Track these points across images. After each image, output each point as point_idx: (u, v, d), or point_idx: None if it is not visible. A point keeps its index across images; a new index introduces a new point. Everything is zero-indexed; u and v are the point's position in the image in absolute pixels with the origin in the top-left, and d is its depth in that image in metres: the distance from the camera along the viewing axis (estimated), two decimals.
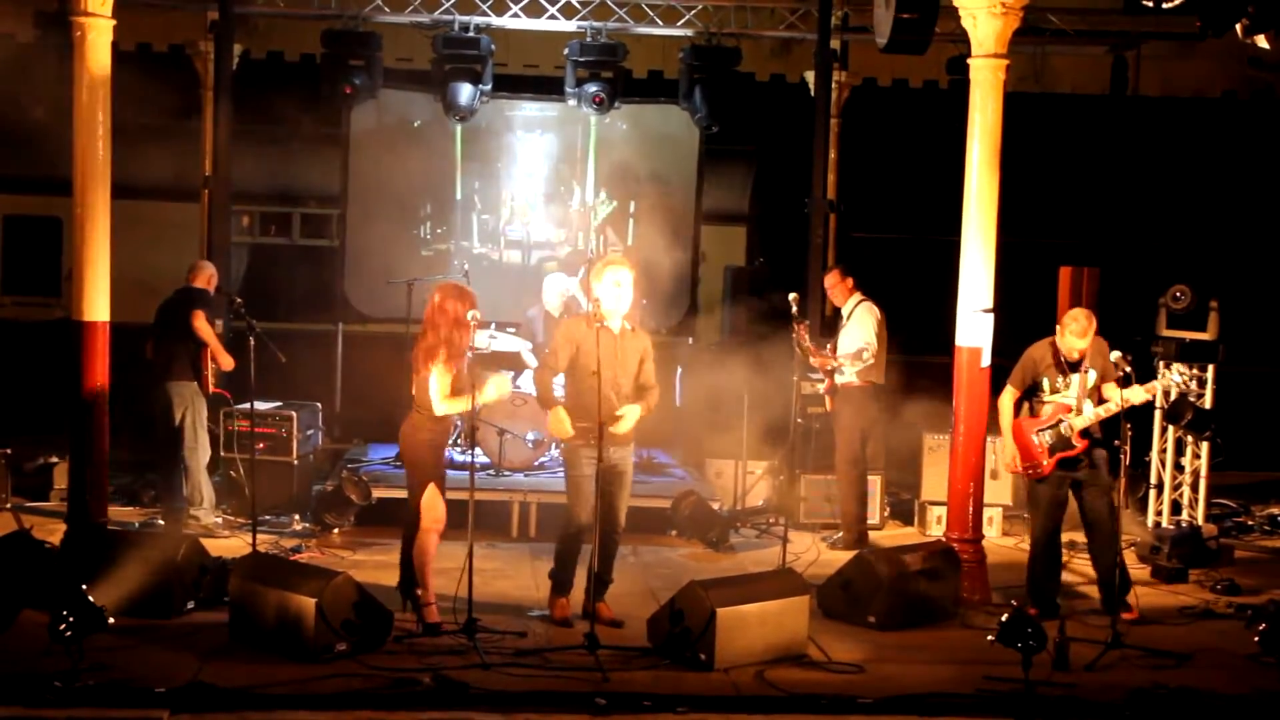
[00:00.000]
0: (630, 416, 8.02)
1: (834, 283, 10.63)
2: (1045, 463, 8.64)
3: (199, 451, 10.10)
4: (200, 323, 9.93)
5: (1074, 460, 8.60)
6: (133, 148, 10.04)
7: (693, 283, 14.12)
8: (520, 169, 14.00)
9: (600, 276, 7.98)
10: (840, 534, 10.49)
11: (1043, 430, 8.63)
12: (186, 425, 10.02)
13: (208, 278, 10.28)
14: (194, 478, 10.10)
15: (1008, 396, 8.81)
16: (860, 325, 10.28)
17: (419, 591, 8.02)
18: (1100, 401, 8.52)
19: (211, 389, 10.13)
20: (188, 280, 10.23)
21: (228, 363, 10.05)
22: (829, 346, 10.39)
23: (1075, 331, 8.50)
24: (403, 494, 10.61)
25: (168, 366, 10.01)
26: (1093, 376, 8.54)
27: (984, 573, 9.14)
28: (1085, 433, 8.55)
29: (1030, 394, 8.77)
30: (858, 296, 10.47)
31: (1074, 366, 8.58)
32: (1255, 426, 12.23)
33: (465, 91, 12.58)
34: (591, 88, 12.68)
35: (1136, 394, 8.57)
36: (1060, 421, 8.57)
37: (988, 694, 7.13)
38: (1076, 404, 8.53)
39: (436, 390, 7.89)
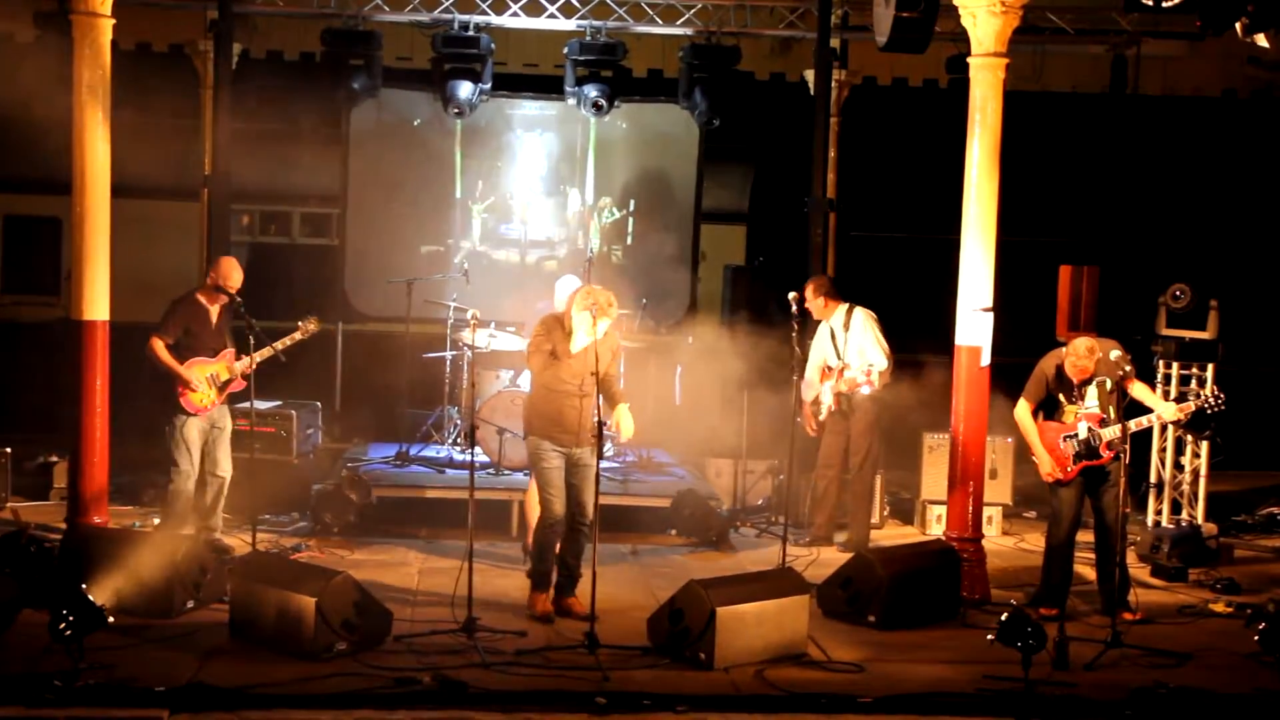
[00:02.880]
0: (627, 418, 8.25)
1: (809, 299, 10.20)
2: (1070, 469, 8.64)
3: (176, 476, 9.39)
4: (152, 350, 9.19)
5: (1098, 469, 8.62)
6: (133, 148, 10.03)
7: (693, 282, 14.12)
8: (520, 168, 14.01)
9: (610, 313, 8.08)
10: (848, 536, 10.45)
11: (1070, 437, 8.63)
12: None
13: (213, 279, 9.45)
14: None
15: (1024, 410, 8.79)
16: (872, 336, 10.16)
17: None
18: (1126, 401, 8.50)
19: (195, 406, 9.27)
20: None
21: (188, 379, 9.24)
22: (840, 367, 10.30)
23: (1076, 366, 8.55)
24: (402, 493, 10.67)
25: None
26: (1109, 383, 8.54)
27: (984, 572, 9.15)
28: (1110, 444, 8.55)
29: (1048, 405, 8.77)
30: (846, 305, 10.33)
31: (1085, 380, 8.60)
32: (1255, 426, 12.23)
33: (465, 86, 12.57)
34: (591, 93, 12.61)
35: (1169, 411, 8.72)
36: (1090, 431, 8.57)
37: (988, 693, 7.13)
38: (1100, 411, 8.52)
39: None
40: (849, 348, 10.23)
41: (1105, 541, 8.68)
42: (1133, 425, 8.46)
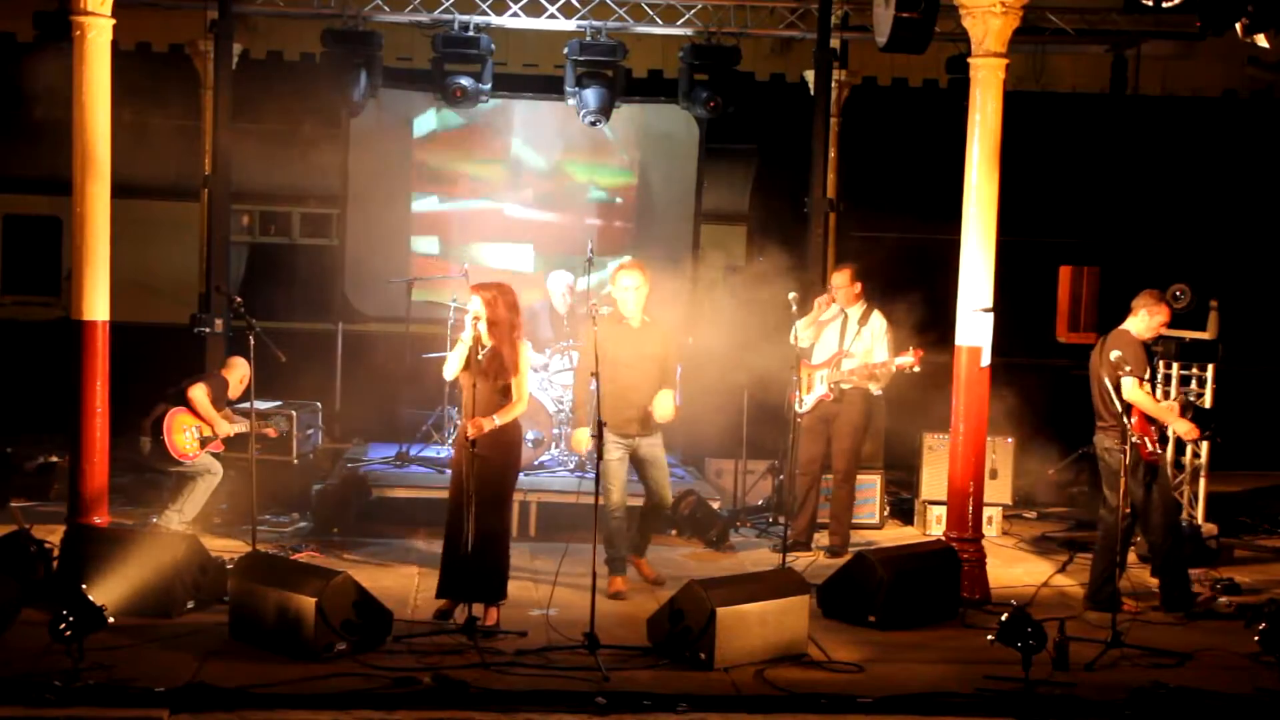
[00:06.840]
0: (663, 401, 8.90)
1: (844, 283, 10.19)
2: (1159, 450, 8.80)
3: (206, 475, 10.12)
4: (198, 394, 9.90)
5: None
6: (133, 147, 10.03)
7: (693, 283, 14.10)
8: (520, 168, 14.00)
9: (615, 281, 9.04)
10: (830, 541, 10.31)
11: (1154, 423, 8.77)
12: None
13: (240, 379, 10.16)
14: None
15: (1138, 387, 8.69)
16: (882, 338, 10.10)
17: None
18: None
19: (178, 451, 9.85)
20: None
21: (224, 430, 10.02)
22: (837, 359, 10.21)
23: (1161, 322, 8.91)
24: (402, 493, 10.68)
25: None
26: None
27: (984, 572, 9.15)
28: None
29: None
30: (864, 303, 10.25)
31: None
32: (1255, 426, 12.23)
33: (465, 79, 12.56)
34: (591, 103, 12.56)
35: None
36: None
37: (988, 694, 7.13)
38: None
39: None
40: (858, 343, 10.16)
41: (1126, 537, 8.78)
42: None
